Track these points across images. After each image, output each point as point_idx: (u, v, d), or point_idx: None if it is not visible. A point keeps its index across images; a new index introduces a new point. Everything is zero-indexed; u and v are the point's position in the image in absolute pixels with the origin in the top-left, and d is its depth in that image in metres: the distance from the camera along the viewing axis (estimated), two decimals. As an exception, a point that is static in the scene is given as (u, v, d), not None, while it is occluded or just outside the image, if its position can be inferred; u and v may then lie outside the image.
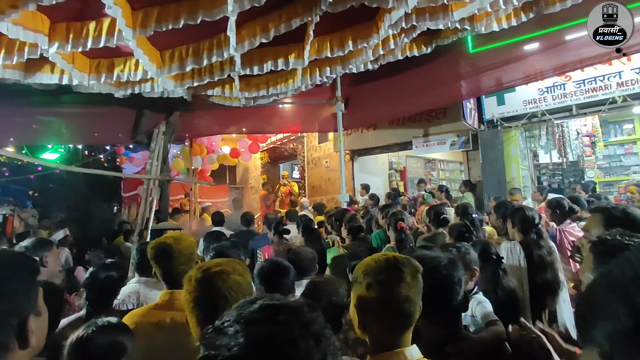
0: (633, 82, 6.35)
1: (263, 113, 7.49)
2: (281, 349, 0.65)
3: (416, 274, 1.13)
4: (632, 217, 1.52)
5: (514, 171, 7.54)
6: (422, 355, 1.12)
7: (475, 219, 3.90)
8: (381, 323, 1.11)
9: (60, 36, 3.37)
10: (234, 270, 1.31)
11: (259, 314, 0.69)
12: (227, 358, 0.63)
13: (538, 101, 7.16)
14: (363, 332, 1.16)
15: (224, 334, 0.67)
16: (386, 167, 10.17)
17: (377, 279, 1.11)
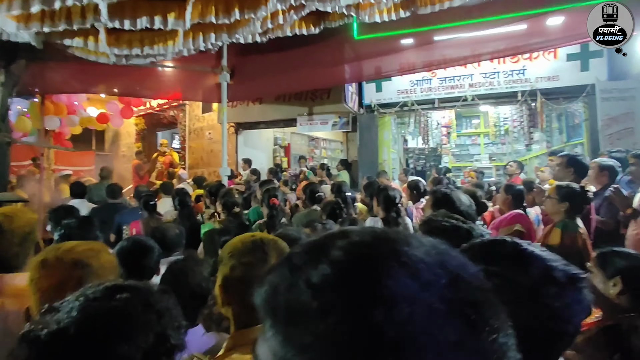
0: (480, 85, 7.51)
1: (138, 74, 6.72)
2: (114, 323, 0.65)
3: (282, 254, 1.16)
4: (451, 199, 1.83)
5: (385, 154, 8.32)
6: None
7: (348, 197, 4.22)
8: (243, 302, 1.12)
9: None
10: (98, 250, 1.21)
11: (100, 293, 0.69)
12: (53, 332, 0.61)
13: (409, 92, 7.96)
14: (225, 311, 1.17)
15: (57, 311, 0.65)
16: (271, 142, 10.20)
17: (241, 261, 1.12)
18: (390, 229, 0.40)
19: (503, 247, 0.81)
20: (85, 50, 5.00)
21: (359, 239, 0.37)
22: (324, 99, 8.13)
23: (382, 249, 0.35)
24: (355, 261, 0.34)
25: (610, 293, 1.55)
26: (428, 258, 0.35)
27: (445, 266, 0.35)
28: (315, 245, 0.38)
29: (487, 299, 0.36)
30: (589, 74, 6.90)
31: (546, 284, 0.74)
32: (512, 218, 3.53)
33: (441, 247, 0.38)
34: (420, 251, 0.35)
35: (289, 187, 6.62)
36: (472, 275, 0.37)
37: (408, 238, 0.36)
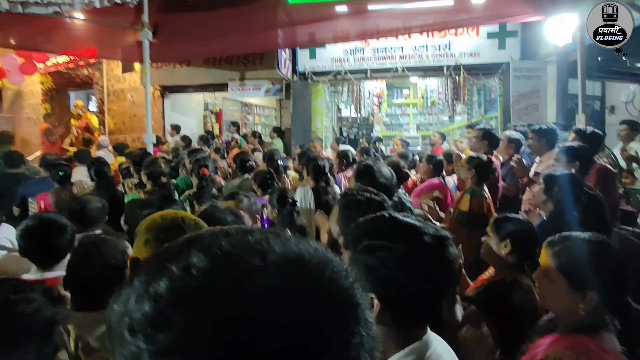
0: (410, 57, 7.76)
1: (40, 25, 5.88)
2: None
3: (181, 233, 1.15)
4: (372, 171, 1.94)
5: (319, 122, 8.37)
6: None
7: (280, 165, 4.21)
8: None
9: None
10: None
11: None
12: None
13: (342, 61, 7.97)
14: None
15: None
16: (201, 107, 9.70)
17: (156, 237, 1.09)
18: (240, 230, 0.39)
19: (383, 222, 0.91)
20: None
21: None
22: (256, 64, 7.85)
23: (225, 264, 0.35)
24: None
25: (502, 253, 1.76)
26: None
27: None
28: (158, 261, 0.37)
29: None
30: (505, 53, 7.45)
31: (420, 248, 0.85)
32: (431, 186, 3.81)
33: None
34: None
35: (221, 155, 6.41)
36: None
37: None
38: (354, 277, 0.38)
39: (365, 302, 0.37)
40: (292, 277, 0.34)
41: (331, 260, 0.37)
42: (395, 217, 0.92)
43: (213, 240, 0.36)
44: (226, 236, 0.37)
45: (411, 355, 0.83)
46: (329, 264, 0.37)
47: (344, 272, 0.37)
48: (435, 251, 0.86)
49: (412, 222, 0.89)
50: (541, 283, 1.27)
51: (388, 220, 0.91)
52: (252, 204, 1.98)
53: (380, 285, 0.84)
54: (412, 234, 0.86)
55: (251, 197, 2.00)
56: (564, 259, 1.20)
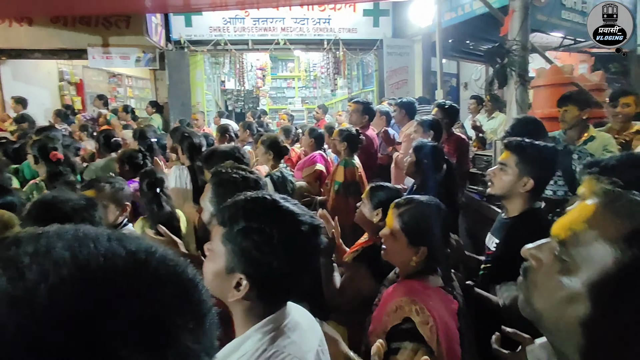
0: (292, 30, 7.72)
1: None
2: None
3: (3, 231, 0.97)
4: (221, 154, 1.92)
5: (199, 95, 7.87)
6: None
7: (153, 143, 3.86)
8: None
9: None
10: None
11: None
12: None
13: (222, 30, 7.54)
14: None
15: None
16: (55, 77, 8.24)
17: None
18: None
19: (263, 205, 0.91)
20: None
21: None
22: (121, 28, 6.92)
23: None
24: None
25: (374, 220, 1.91)
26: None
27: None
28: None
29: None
30: (379, 30, 7.92)
31: (296, 236, 0.88)
32: (313, 159, 3.93)
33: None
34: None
35: (89, 134, 5.57)
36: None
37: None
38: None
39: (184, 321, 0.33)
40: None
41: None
42: (275, 201, 0.91)
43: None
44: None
45: (269, 325, 0.88)
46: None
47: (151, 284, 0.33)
48: (310, 240, 0.90)
49: (292, 208, 0.91)
50: (386, 240, 1.41)
51: (268, 203, 0.91)
52: (116, 190, 1.76)
53: (251, 267, 0.86)
54: (290, 220, 0.89)
55: (115, 183, 1.77)
56: (406, 219, 1.36)
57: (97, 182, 1.83)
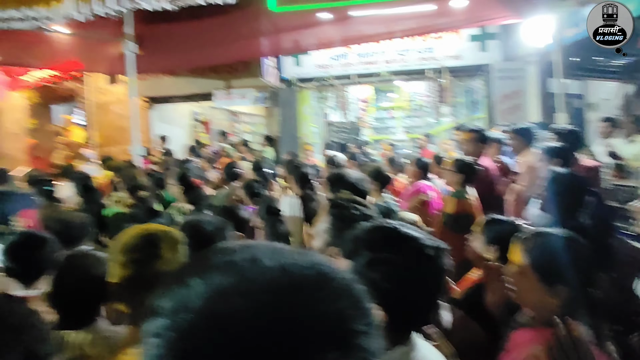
0: (394, 61, 7.86)
1: (21, 40, 5.84)
2: None
3: (175, 246, 1.15)
4: (346, 180, 1.96)
5: (306, 128, 8.40)
6: None
7: (267, 174, 4.23)
8: (137, 298, 1.10)
9: None
10: None
11: None
12: None
13: (328, 67, 8.03)
14: (122, 306, 1.15)
15: None
16: (189, 117, 9.66)
17: (131, 258, 1.09)
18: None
19: (385, 234, 0.92)
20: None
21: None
22: (242, 72, 7.86)
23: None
24: None
25: (489, 256, 1.79)
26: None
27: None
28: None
29: None
30: (487, 55, 7.58)
31: (422, 260, 0.87)
32: (419, 189, 3.85)
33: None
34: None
35: (212, 165, 6.40)
36: None
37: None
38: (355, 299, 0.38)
39: (361, 326, 0.36)
40: (265, 299, 0.34)
41: (328, 280, 0.37)
42: (395, 228, 0.92)
43: (211, 260, 0.39)
44: (216, 253, 0.40)
45: (399, 357, 0.86)
46: (321, 284, 0.37)
47: (338, 293, 0.37)
48: (436, 263, 0.89)
49: (413, 233, 0.91)
50: (514, 279, 1.30)
51: (389, 231, 0.92)
52: (237, 215, 1.99)
53: (381, 297, 0.83)
54: (413, 246, 0.88)
55: (236, 210, 2.00)
56: (537, 254, 1.24)
57: (230, 210, 2.08)
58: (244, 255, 0.38)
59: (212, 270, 0.37)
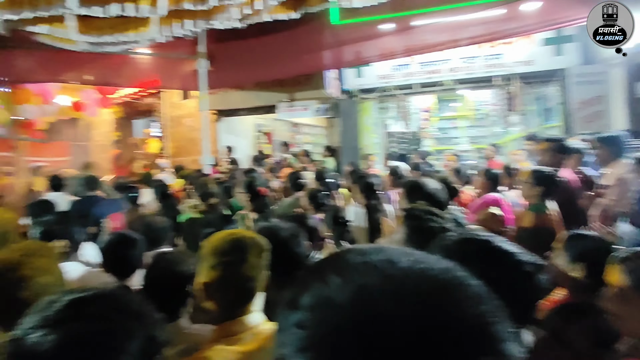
0: (459, 69, 7.60)
1: (111, 62, 6.54)
2: (95, 341, 0.63)
3: (260, 252, 1.20)
4: (419, 187, 1.89)
5: (367, 139, 8.39)
6: (265, 320, 1.23)
7: (331, 183, 4.27)
8: (224, 298, 1.18)
9: None
10: (38, 270, 1.11)
11: (65, 312, 0.64)
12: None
13: (389, 77, 7.98)
14: (210, 304, 1.22)
15: (25, 344, 0.61)
16: (253, 129, 10.11)
17: (221, 260, 1.16)
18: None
19: (477, 247, 0.87)
20: (51, 37, 4.82)
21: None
22: (304, 85, 8.09)
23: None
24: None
25: (574, 275, 1.64)
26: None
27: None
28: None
29: None
30: (563, 59, 7.06)
31: (517, 277, 0.82)
32: (487, 202, 3.65)
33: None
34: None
35: (274, 175, 6.62)
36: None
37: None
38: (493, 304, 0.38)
39: (501, 332, 0.36)
40: (414, 301, 0.35)
41: (465, 284, 0.38)
42: (488, 241, 0.87)
43: (344, 259, 0.40)
44: (356, 254, 0.41)
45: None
46: (462, 288, 0.37)
47: (477, 297, 0.37)
48: (533, 280, 0.84)
49: (508, 247, 0.86)
50: (615, 303, 1.18)
51: (482, 243, 0.87)
52: (307, 224, 2.03)
53: None
54: (510, 261, 0.84)
55: (306, 218, 2.05)
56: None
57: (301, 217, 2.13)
58: (379, 256, 0.39)
59: (350, 269, 0.38)
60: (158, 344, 0.68)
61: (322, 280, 0.38)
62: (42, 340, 0.60)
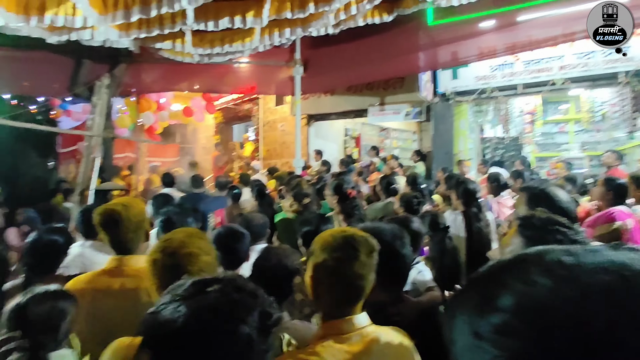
0: (573, 66, 6.78)
1: (216, 71, 7.16)
2: (221, 310, 0.70)
3: (371, 252, 1.19)
4: (549, 196, 1.68)
5: (461, 144, 7.93)
6: (370, 322, 1.21)
7: (424, 189, 4.12)
8: (333, 295, 1.18)
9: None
10: (201, 249, 1.28)
11: (192, 289, 0.74)
12: (173, 330, 0.67)
13: (488, 78, 7.45)
14: (316, 301, 1.23)
15: (161, 315, 0.70)
16: (341, 133, 10.24)
17: (332, 256, 1.16)
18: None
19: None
20: (172, 51, 5.44)
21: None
22: (396, 89, 7.95)
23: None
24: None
25: None
26: None
27: None
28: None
29: None
30: None
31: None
32: (611, 215, 3.18)
33: None
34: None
35: (363, 179, 6.61)
36: None
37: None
38: None
39: None
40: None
41: None
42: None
43: (550, 258, 0.38)
44: (565, 254, 0.38)
45: None
46: None
47: None
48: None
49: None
50: None
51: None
52: (409, 227, 1.96)
53: None
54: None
55: (412, 221, 1.99)
56: None
57: (396, 219, 2.08)
58: (600, 258, 0.36)
59: (553, 270, 0.36)
60: (273, 320, 0.73)
61: (526, 281, 0.36)
62: (175, 312, 0.69)
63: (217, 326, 0.69)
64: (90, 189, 5.19)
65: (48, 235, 2.04)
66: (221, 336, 0.68)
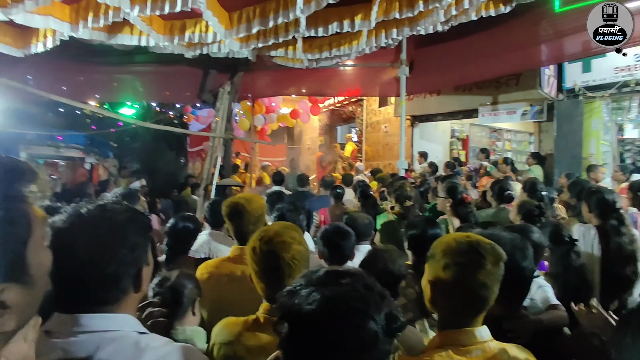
0: None
1: (322, 75, 7.41)
2: (353, 303, 0.74)
3: (498, 261, 1.11)
4: None
5: (593, 146, 6.89)
6: (491, 337, 1.14)
7: (546, 196, 3.68)
8: (452, 303, 1.13)
9: (141, 0, 3.55)
10: (294, 239, 1.37)
11: (326, 278, 0.78)
12: (308, 312, 0.73)
13: (633, 68, 6.34)
14: (432, 307, 1.20)
15: (298, 296, 0.76)
16: (447, 134, 9.74)
17: (455, 261, 1.11)
18: None
19: None
20: (285, 58, 5.81)
21: None
22: (510, 86, 7.26)
23: None
24: None
25: None
26: None
27: None
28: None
29: None
30: None
31: None
32: None
33: None
34: None
35: (472, 184, 6.19)
36: None
37: None
38: None
39: None
40: None
41: None
42: None
43: None
44: None
45: None
46: None
47: None
48: None
49: None
50: None
51: None
52: (530, 237, 1.78)
53: None
54: None
55: (528, 229, 1.81)
56: None
57: (516, 228, 1.91)
58: None
59: None
60: (399, 324, 0.74)
61: None
62: (310, 296, 0.74)
63: (349, 317, 0.72)
64: (212, 184, 5.84)
65: (183, 222, 2.37)
66: (351, 327, 0.72)
